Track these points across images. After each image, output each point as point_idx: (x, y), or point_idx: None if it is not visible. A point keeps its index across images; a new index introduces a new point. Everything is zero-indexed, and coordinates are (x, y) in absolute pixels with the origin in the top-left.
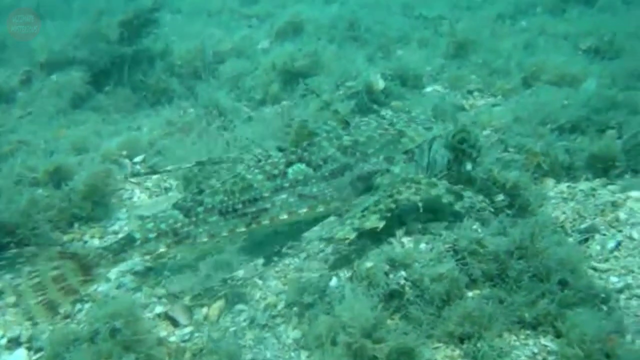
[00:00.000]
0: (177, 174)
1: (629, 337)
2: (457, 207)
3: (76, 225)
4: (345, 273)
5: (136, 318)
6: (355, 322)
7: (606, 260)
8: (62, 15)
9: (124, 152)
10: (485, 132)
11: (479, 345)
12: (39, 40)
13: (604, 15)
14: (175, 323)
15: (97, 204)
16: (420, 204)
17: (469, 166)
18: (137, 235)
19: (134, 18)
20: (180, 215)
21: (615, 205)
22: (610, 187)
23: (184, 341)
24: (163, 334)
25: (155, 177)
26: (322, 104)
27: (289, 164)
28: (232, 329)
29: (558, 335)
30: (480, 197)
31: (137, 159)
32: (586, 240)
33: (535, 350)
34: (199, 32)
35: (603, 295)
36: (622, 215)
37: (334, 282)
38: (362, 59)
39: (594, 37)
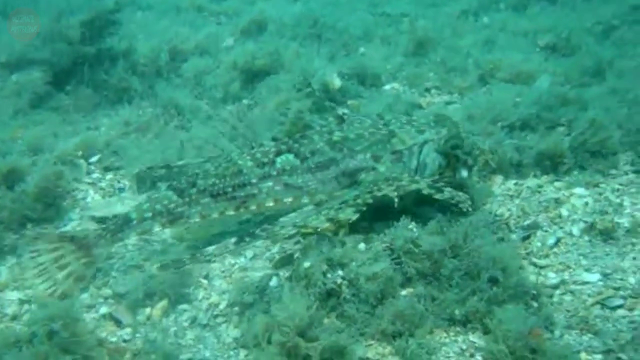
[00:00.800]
0: (130, 174)
1: (557, 332)
2: (438, 196)
3: (29, 226)
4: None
5: (75, 319)
6: (290, 322)
7: (546, 256)
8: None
9: (80, 153)
10: None
11: (409, 342)
12: (1, 40)
13: (564, 12)
14: (118, 323)
15: (49, 205)
16: (396, 199)
17: (464, 173)
18: (134, 216)
19: (95, 18)
20: (175, 196)
21: (558, 202)
22: (556, 183)
23: (125, 341)
24: (104, 334)
25: (109, 177)
26: (280, 102)
27: (279, 153)
28: (173, 329)
29: (486, 331)
30: (461, 192)
31: (93, 159)
32: (528, 237)
33: (464, 347)
34: (166, 30)
35: (534, 291)
36: (564, 212)
37: (274, 281)
38: (321, 58)
39: (552, 34)
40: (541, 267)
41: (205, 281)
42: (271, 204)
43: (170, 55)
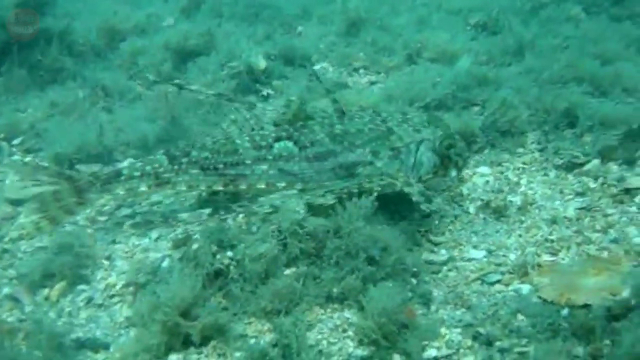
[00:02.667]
0: (50, 157)
1: (433, 307)
2: (423, 206)
3: None
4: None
5: None
6: (171, 301)
7: (442, 233)
8: None
9: (2, 135)
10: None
11: (285, 319)
12: None
13: None
14: (17, 303)
15: None
16: (375, 192)
17: (453, 173)
18: (125, 172)
19: None
20: (166, 161)
21: (461, 180)
22: None
23: (21, 321)
24: (4, 315)
25: (28, 159)
26: (205, 84)
27: (278, 139)
28: (67, 309)
29: (361, 308)
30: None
31: (16, 141)
32: (429, 215)
33: (338, 323)
34: (107, 9)
35: (415, 269)
36: (465, 190)
37: (166, 262)
38: (256, 38)
39: (483, 12)
40: (436, 244)
41: (106, 262)
42: (263, 186)
43: (109, 35)
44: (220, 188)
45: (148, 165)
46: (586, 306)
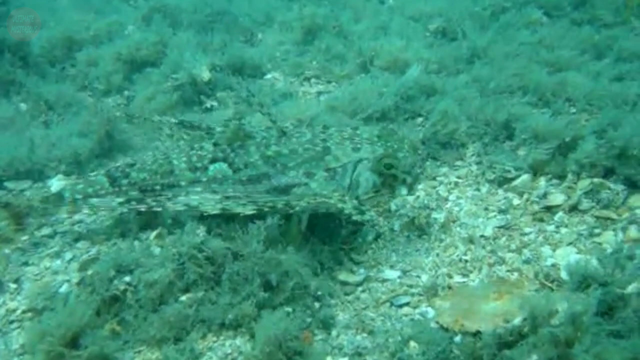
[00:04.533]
0: None
1: (334, 332)
2: (357, 217)
3: None
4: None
5: None
6: (57, 330)
7: (365, 252)
8: None
9: None
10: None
11: (173, 348)
12: None
13: None
14: None
15: None
16: (298, 208)
17: (404, 191)
18: (67, 195)
19: None
20: (107, 183)
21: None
22: None
23: None
24: None
25: None
26: (147, 96)
27: (214, 160)
28: None
29: (253, 335)
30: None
31: None
32: (355, 232)
33: (229, 351)
34: (69, 17)
35: (319, 292)
36: (393, 206)
37: (64, 287)
38: (198, 49)
39: (443, 18)
40: (357, 263)
41: (14, 285)
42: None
43: (66, 45)
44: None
45: (89, 188)
46: (478, 333)
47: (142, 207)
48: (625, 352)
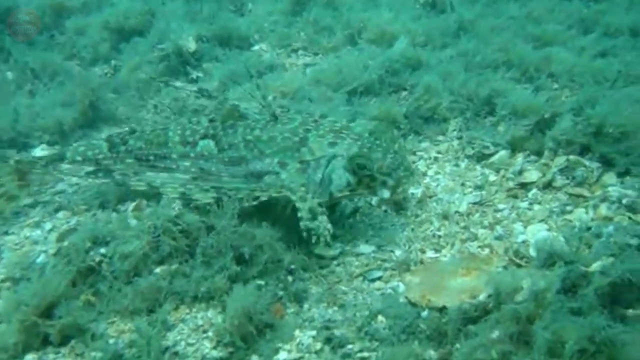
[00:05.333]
0: None
1: (306, 306)
2: (301, 223)
3: None
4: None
5: None
6: (32, 300)
7: (343, 226)
8: None
9: None
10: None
11: (145, 319)
12: None
13: None
14: None
15: None
16: (252, 199)
17: (385, 194)
18: (67, 155)
19: None
20: (106, 147)
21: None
22: None
23: None
24: None
25: None
26: (132, 66)
27: (204, 137)
28: None
29: (224, 308)
30: (329, 226)
31: None
32: (333, 206)
33: (200, 323)
34: None
35: (292, 266)
36: None
37: (41, 257)
38: (185, 19)
39: None
40: (334, 237)
41: None
42: (197, 175)
43: (56, 12)
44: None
45: (90, 151)
46: (444, 308)
47: (105, 181)
48: (583, 330)
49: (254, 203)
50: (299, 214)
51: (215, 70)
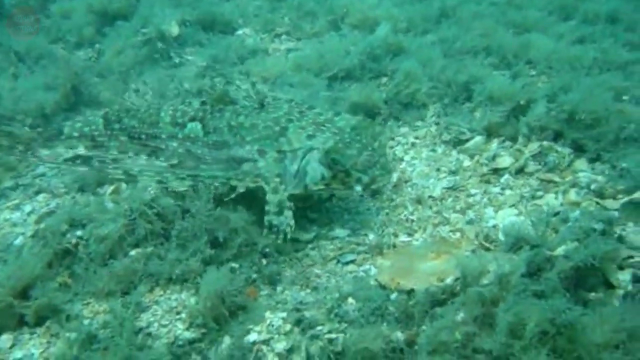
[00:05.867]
0: None
1: (280, 288)
2: (266, 217)
3: None
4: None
5: None
6: (7, 281)
7: (319, 210)
8: None
9: None
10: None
11: (119, 301)
12: None
13: None
14: None
15: None
16: (216, 184)
17: (359, 189)
18: (65, 130)
19: None
20: (102, 124)
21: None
22: None
23: None
24: None
25: None
26: (117, 51)
27: (192, 119)
28: None
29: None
30: (292, 222)
31: None
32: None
33: (174, 305)
34: None
35: (267, 249)
36: None
37: (19, 239)
38: (165, 3)
39: None
40: (311, 221)
41: None
42: (175, 162)
43: None
44: (145, 157)
45: (86, 127)
46: (412, 291)
47: (83, 168)
48: (543, 312)
49: (232, 196)
50: (267, 207)
51: (198, 55)
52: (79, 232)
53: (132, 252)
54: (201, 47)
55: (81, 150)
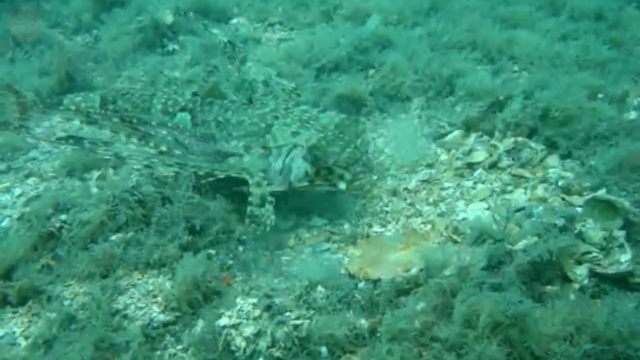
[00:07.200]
0: None
1: (254, 275)
2: (249, 208)
3: None
4: None
5: None
6: None
7: (299, 198)
8: None
9: None
10: None
11: (98, 283)
12: None
13: None
14: None
15: None
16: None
17: (342, 185)
18: (65, 102)
19: None
20: (98, 103)
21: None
22: None
23: None
24: None
25: None
26: (111, 37)
27: (183, 109)
28: None
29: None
30: (273, 217)
31: None
32: None
33: (151, 288)
34: None
35: (244, 237)
36: None
37: (5, 222)
38: None
39: None
40: (291, 210)
41: None
42: (164, 148)
43: None
44: (136, 141)
45: (83, 103)
46: (379, 280)
47: (75, 147)
48: (497, 304)
49: (210, 179)
50: (250, 199)
51: (190, 44)
52: (63, 216)
53: (113, 237)
54: (192, 36)
55: (76, 124)
